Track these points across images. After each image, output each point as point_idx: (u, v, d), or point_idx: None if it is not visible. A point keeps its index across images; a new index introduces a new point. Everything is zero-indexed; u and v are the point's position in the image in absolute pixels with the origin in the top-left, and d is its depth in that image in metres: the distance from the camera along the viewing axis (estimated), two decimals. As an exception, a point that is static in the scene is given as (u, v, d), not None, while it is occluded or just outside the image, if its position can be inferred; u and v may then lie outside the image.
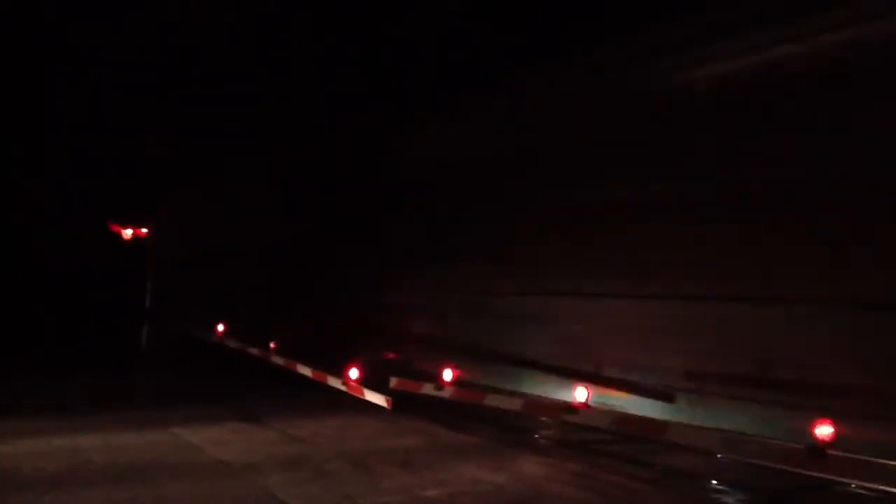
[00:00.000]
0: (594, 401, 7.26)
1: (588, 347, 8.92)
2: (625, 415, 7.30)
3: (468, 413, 8.83)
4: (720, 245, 7.62)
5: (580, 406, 7.11)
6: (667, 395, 7.74)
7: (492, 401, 8.05)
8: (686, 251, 7.93)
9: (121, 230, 13.82)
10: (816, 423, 5.30)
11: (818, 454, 5.23)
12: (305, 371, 10.35)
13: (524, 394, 8.66)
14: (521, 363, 9.67)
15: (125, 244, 14.01)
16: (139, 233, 13.81)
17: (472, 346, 10.61)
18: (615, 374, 8.41)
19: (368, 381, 9.15)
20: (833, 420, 5.31)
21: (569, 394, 7.38)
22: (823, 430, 5.25)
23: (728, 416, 6.99)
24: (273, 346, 11.58)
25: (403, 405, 8.78)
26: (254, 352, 11.97)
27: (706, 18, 8.02)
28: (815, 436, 5.26)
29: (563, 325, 9.39)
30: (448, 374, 8.52)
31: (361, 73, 14.13)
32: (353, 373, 9.25)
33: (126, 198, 16.00)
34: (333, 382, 9.55)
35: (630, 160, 8.74)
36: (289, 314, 15.34)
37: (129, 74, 17.45)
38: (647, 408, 7.81)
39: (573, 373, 8.55)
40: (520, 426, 8.44)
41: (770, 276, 7.14)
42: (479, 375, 9.57)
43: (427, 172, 12.40)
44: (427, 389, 8.70)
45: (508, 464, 6.80)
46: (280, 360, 11.13)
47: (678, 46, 8.30)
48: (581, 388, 7.16)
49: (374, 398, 8.87)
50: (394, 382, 9.04)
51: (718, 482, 6.34)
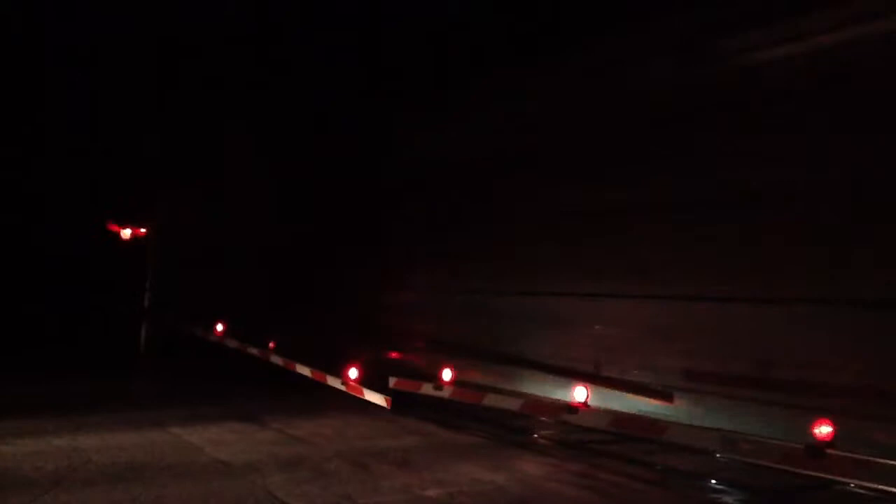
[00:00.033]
0: (593, 400, 7.27)
1: (588, 347, 8.91)
2: (624, 414, 7.30)
3: (467, 413, 8.83)
4: (720, 245, 7.62)
5: (579, 406, 7.11)
6: (666, 395, 7.73)
7: (491, 400, 8.06)
8: (686, 251, 7.93)
9: (120, 230, 13.82)
10: (815, 423, 5.31)
11: (817, 454, 5.23)
12: (305, 371, 10.36)
13: (523, 393, 8.66)
14: (521, 363, 9.66)
15: (124, 244, 14.01)
16: (138, 233, 13.81)
17: (472, 346, 10.60)
18: (614, 374, 8.40)
19: (368, 381, 9.16)
20: (832, 419, 5.32)
21: (568, 393, 7.39)
22: (822, 430, 5.26)
23: (727, 416, 6.98)
24: (272, 346, 11.59)
25: (403, 405, 8.78)
26: (253, 351, 11.97)
27: (705, 17, 8.03)
28: (815, 435, 5.27)
29: (563, 325, 9.38)
30: (447, 374, 8.53)
31: (361, 73, 14.15)
32: (353, 372, 9.25)
33: (125, 198, 16.01)
34: (333, 382, 9.56)
35: (630, 160, 8.74)
36: (288, 314, 15.35)
37: (129, 74, 17.48)
38: (647, 407, 7.81)
39: (573, 372, 8.54)
40: (519, 426, 8.45)
41: (770, 276, 7.14)
42: (479, 375, 9.57)
43: (427, 172, 12.39)
44: (426, 389, 8.70)
45: (508, 463, 6.80)
46: (279, 360, 11.13)
47: (678, 45, 8.30)
48: (580, 388, 7.16)
49: (374, 398, 8.88)
50: (393, 382, 9.05)
51: (718, 482, 6.35)
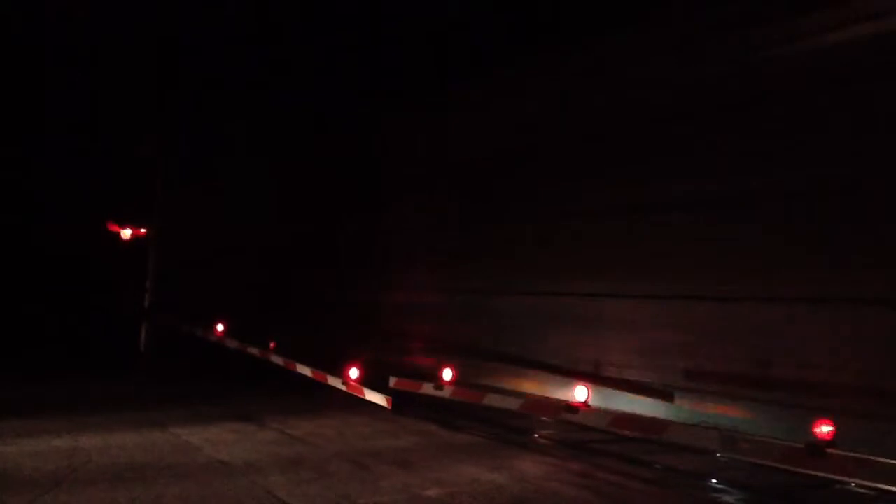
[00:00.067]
0: (594, 400, 7.27)
1: (588, 347, 8.92)
2: (624, 414, 7.30)
3: (468, 413, 8.83)
4: (720, 245, 7.62)
5: (580, 405, 7.11)
6: (666, 395, 7.74)
7: (491, 400, 8.05)
8: (686, 251, 7.93)
9: (120, 230, 13.81)
10: (816, 422, 5.31)
11: (818, 453, 5.23)
12: (305, 370, 10.36)
13: (523, 393, 8.66)
14: (521, 362, 9.66)
15: (125, 244, 14.01)
16: (138, 233, 13.80)
17: (472, 346, 10.60)
18: (614, 374, 8.40)
19: (368, 381, 9.16)
20: (832, 419, 5.32)
21: (568, 393, 7.39)
22: (823, 429, 5.26)
23: (728, 416, 6.99)
24: (272, 346, 11.59)
25: (403, 405, 8.79)
26: (253, 351, 11.97)
27: (704, 17, 8.03)
28: (815, 434, 5.27)
29: (563, 325, 9.38)
30: (448, 374, 8.53)
31: (361, 73, 14.14)
32: (353, 372, 9.26)
33: (125, 198, 16.02)
34: (333, 382, 9.56)
35: (630, 160, 8.74)
36: (288, 314, 15.36)
37: (129, 74, 17.48)
38: (647, 407, 7.81)
39: (573, 372, 8.54)
40: (519, 426, 8.45)
41: (770, 276, 7.14)
42: (479, 375, 9.57)
43: (427, 172, 12.40)
44: (427, 389, 8.70)
45: (508, 463, 6.80)
46: (279, 360, 11.14)
47: (678, 45, 8.31)
48: (581, 388, 7.16)
49: (375, 398, 8.88)
50: (393, 382, 9.05)
51: (718, 481, 6.35)
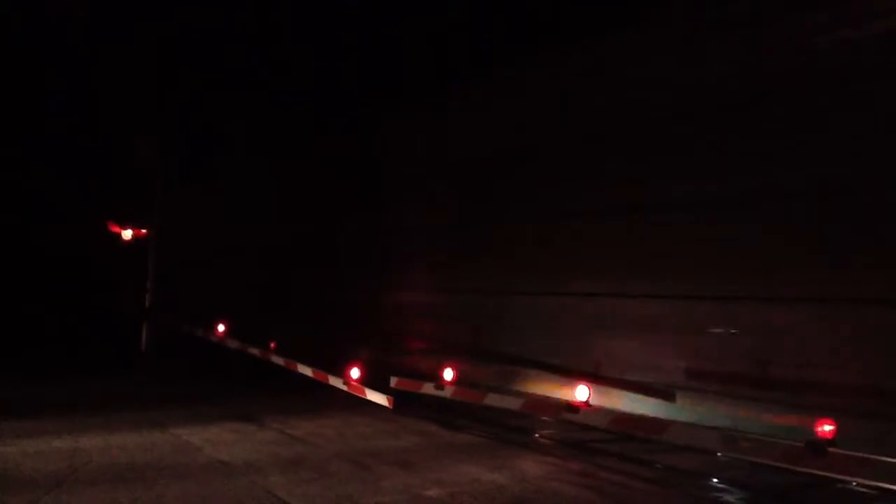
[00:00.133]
0: (594, 400, 7.26)
1: (588, 347, 8.92)
2: (625, 414, 7.30)
3: (468, 412, 8.83)
4: (720, 245, 7.62)
5: (580, 405, 7.11)
6: (667, 394, 7.74)
7: (492, 400, 8.05)
8: (686, 251, 7.93)
9: (121, 231, 13.80)
10: (817, 421, 5.31)
11: (818, 452, 5.23)
12: (306, 371, 10.36)
13: (524, 393, 8.66)
14: (522, 362, 9.67)
15: (125, 244, 14.01)
16: (139, 233, 13.80)
17: (473, 346, 10.60)
18: (615, 374, 8.40)
19: (369, 381, 9.16)
20: (833, 418, 5.32)
21: (569, 393, 7.38)
22: (824, 428, 5.26)
23: (728, 415, 6.99)
24: (273, 346, 11.59)
25: (403, 405, 8.78)
26: (254, 351, 11.97)
27: (704, 17, 8.02)
28: (816, 433, 5.27)
29: (564, 325, 9.38)
30: (448, 374, 8.52)
31: (361, 73, 14.14)
32: (355, 372, 9.25)
33: (125, 198, 16.01)
34: (334, 382, 9.56)
35: (629, 160, 8.74)
36: (289, 314, 15.36)
37: (129, 74, 17.47)
38: (648, 407, 7.82)
39: (574, 372, 8.54)
40: (520, 425, 8.45)
41: (770, 276, 7.14)
42: (480, 375, 9.57)
43: (427, 172, 12.40)
44: (427, 389, 8.70)
45: (509, 463, 6.80)
46: (280, 360, 11.13)
47: (677, 45, 8.30)
48: (582, 387, 7.16)
49: (376, 397, 8.87)
50: (394, 382, 9.05)
51: (719, 480, 6.35)
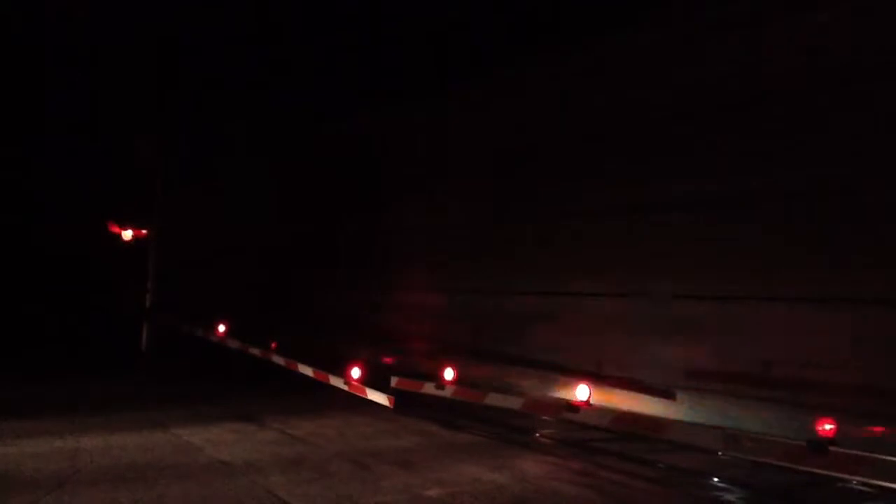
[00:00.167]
0: (595, 399, 7.26)
1: (589, 346, 8.91)
2: (626, 413, 7.29)
3: (469, 412, 8.83)
4: (720, 245, 7.62)
5: (581, 404, 7.10)
6: (668, 394, 7.73)
7: (493, 400, 8.04)
8: (686, 251, 7.92)
9: (121, 231, 13.80)
10: (818, 420, 5.31)
11: (819, 451, 5.23)
12: (307, 370, 10.35)
13: (525, 392, 8.66)
14: (522, 362, 9.65)
15: (125, 245, 14.01)
16: (139, 234, 13.79)
17: (473, 346, 10.60)
18: (615, 373, 8.39)
19: (370, 381, 9.15)
20: (834, 417, 5.31)
21: (570, 392, 7.38)
22: (825, 427, 5.26)
23: (729, 414, 6.98)
24: (274, 346, 11.59)
25: (404, 405, 8.78)
26: (255, 351, 11.97)
27: (704, 17, 8.01)
28: (817, 432, 5.27)
29: (564, 325, 9.37)
30: (449, 374, 8.52)
31: (361, 73, 14.14)
32: (356, 372, 9.25)
33: (125, 198, 16.02)
34: (335, 382, 9.55)
35: (630, 160, 8.73)
36: (289, 314, 15.35)
37: (129, 74, 17.49)
38: (648, 406, 7.81)
39: (574, 371, 8.54)
40: (521, 425, 8.44)
41: (770, 276, 7.13)
42: (480, 374, 9.56)
43: (427, 172, 12.39)
44: (428, 389, 8.69)
45: (509, 463, 6.80)
46: (281, 360, 11.13)
47: (677, 45, 8.29)
48: (582, 387, 7.16)
49: (377, 397, 8.87)
50: (395, 382, 9.04)
51: (720, 479, 6.35)
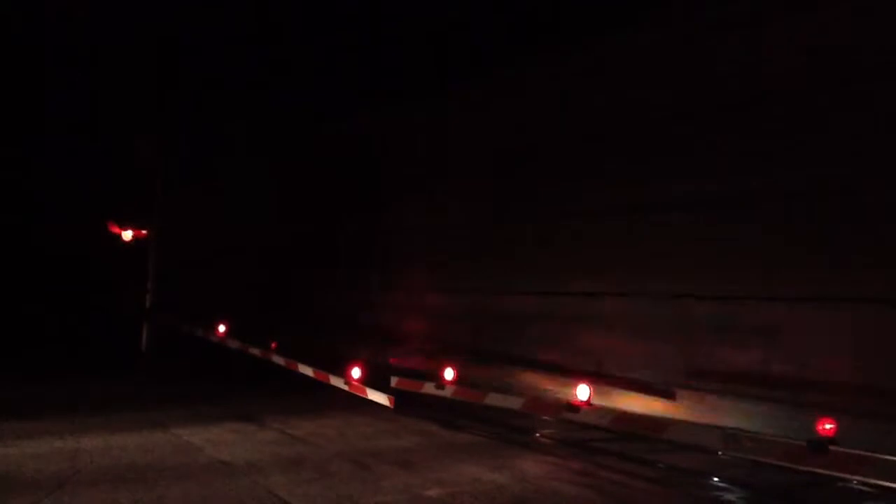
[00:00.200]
0: (595, 399, 7.26)
1: (589, 346, 8.91)
2: (626, 413, 7.30)
3: (469, 412, 8.83)
4: (720, 245, 7.62)
5: (581, 404, 7.11)
6: (668, 394, 7.73)
7: (493, 400, 8.05)
8: (686, 251, 7.92)
9: (121, 232, 13.80)
10: (818, 420, 5.31)
11: (820, 450, 5.24)
12: (307, 371, 10.36)
13: (525, 392, 8.66)
14: (522, 362, 9.66)
15: (125, 245, 14.01)
16: (139, 234, 13.80)
17: (473, 346, 10.60)
18: (615, 373, 8.40)
19: (370, 381, 9.16)
20: (834, 417, 5.32)
21: (570, 392, 7.38)
22: (825, 427, 5.26)
23: (729, 414, 6.98)
24: (274, 346, 11.60)
25: (404, 404, 8.78)
26: (255, 352, 11.97)
27: (704, 17, 8.01)
28: (817, 432, 5.27)
29: (564, 325, 9.37)
30: (449, 374, 8.52)
31: (361, 73, 14.14)
32: (356, 372, 9.25)
33: (125, 198, 16.03)
34: (336, 382, 9.56)
35: (630, 160, 8.73)
36: (289, 314, 15.36)
37: (129, 74, 17.49)
38: (648, 406, 7.81)
39: (574, 371, 8.54)
40: (521, 425, 8.44)
41: (770, 276, 7.14)
42: (481, 374, 9.56)
43: (427, 172, 12.39)
44: (428, 389, 8.70)
45: (509, 463, 6.80)
46: (281, 360, 11.13)
47: (677, 45, 8.29)
48: (582, 387, 7.16)
49: (377, 397, 8.87)
50: (395, 381, 9.05)
51: (720, 479, 6.34)
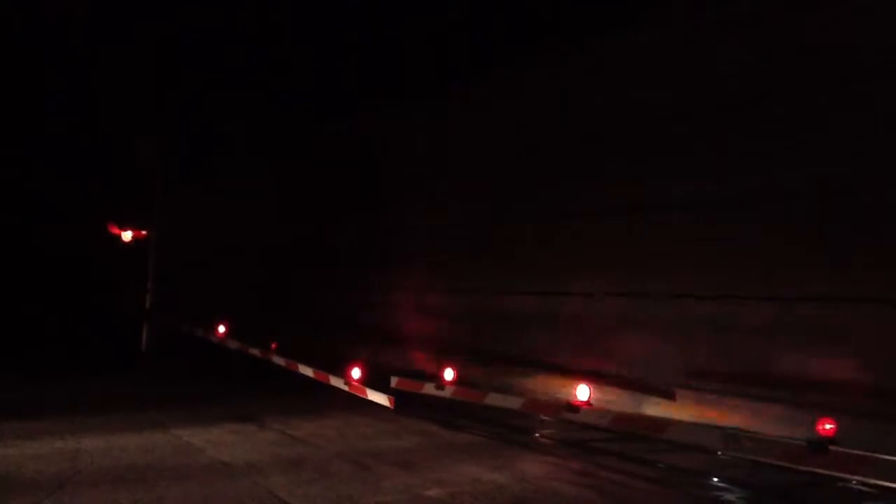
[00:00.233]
0: (595, 399, 7.27)
1: (589, 346, 8.92)
2: (625, 413, 7.30)
3: (469, 412, 8.83)
4: (720, 245, 7.62)
5: (581, 404, 7.11)
6: (668, 394, 7.74)
7: (493, 400, 8.05)
8: (686, 251, 7.93)
9: (120, 233, 13.80)
10: (818, 420, 5.32)
11: (819, 450, 5.24)
12: (307, 371, 10.36)
13: (525, 392, 8.66)
14: (522, 362, 9.67)
15: (125, 245, 14.01)
16: (139, 234, 13.80)
17: (473, 346, 10.61)
18: (615, 373, 8.40)
19: (370, 381, 9.16)
20: (834, 417, 5.32)
21: (570, 392, 7.39)
22: (825, 427, 5.26)
23: (729, 414, 6.99)
24: (274, 346, 11.60)
25: (404, 405, 8.78)
26: (255, 352, 11.97)
27: (704, 17, 8.01)
28: (817, 432, 5.28)
29: (564, 324, 9.38)
30: (449, 374, 8.52)
31: (361, 73, 14.13)
32: (356, 372, 9.25)
33: (126, 198, 16.03)
34: (336, 382, 9.56)
35: (630, 160, 8.74)
36: (289, 314, 15.37)
37: (129, 74, 17.49)
38: (648, 406, 7.82)
39: (574, 371, 8.55)
40: (521, 425, 8.44)
41: (770, 276, 7.14)
42: (480, 375, 9.57)
43: (427, 172, 12.40)
44: (428, 389, 8.70)
45: (509, 463, 6.80)
46: (281, 361, 11.13)
47: (677, 45, 8.30)
48: (582, 387, 7.16)
49: (377, 398, 8.87)
50: (395, 382, 9.05)
51: (720, 479, 6.34)
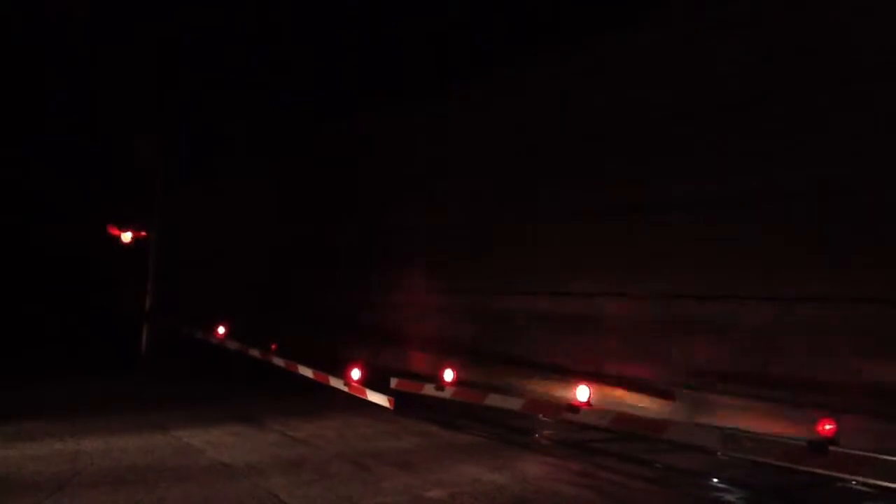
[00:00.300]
0: (595, 400, 7.27)
1: (589, 347, 8.92)
2: (625, 413, 7.30)
3: (469, 413, 8.83)
4: (720, 245, 7.63)
5: (581, 405, 7.11)
6: (668, 394, 7.74)
7: (493, 400, 8.05)
8: (686, 251, 7.93)
9: (120, 233, 13.80)
10: (818, 420, 5.32)
11: (819, 451, 5.24)
12: (307, 372, 10.36)
13: (525, 393, 8.66)
14: (522, 363, 9.66)
15: (125, 246, 14.01)
16: (139, 235, 13.80)
17: (473, 346, 10.61)
18: (615, 373, 8.40)
19: (370, 382, 9.16)
20: (834, 417, 5.32)
21: (570, 392, 7.39)
22: (825, 427, 5.26)
23: (729, 414, 6.99)
24: (274, 347, 11.60)
25: (404, 405, 8.78)
26: (254, 353, 11.97)
27: (704, 17, 8.01)
28: (817, 432, 5.28)
29: (564, 325, 9.38)
30: (449, 375, 8.53)
31: (361, 73, 14.14)
32: (356, 373, 9.26)
33: (126, 198, 16.03)
34: (335, 383, 9.56)
35: (630, 160, 8.74)
36: (289, 314, 15.36)
37: (129, 74, 17.49)
38: (648, 406, 7.82)
39: (574, 372, 8.55)
40: (521, 426, 8.44)
41: (770, 276, 7.14)
42: (480, 375, 9.57)
43: (427, 172, 12.40)
44: (428, 390, 8.70)
45: (509, 463, 6.80)
46: (281, 361, 11.14)
47: (677, 45, 8.30)
48: (582, 387, 7.16)
49: (377, 398, 8.88)
50: (395, 383, 9.05)
51: (719, 480, 6.34)
